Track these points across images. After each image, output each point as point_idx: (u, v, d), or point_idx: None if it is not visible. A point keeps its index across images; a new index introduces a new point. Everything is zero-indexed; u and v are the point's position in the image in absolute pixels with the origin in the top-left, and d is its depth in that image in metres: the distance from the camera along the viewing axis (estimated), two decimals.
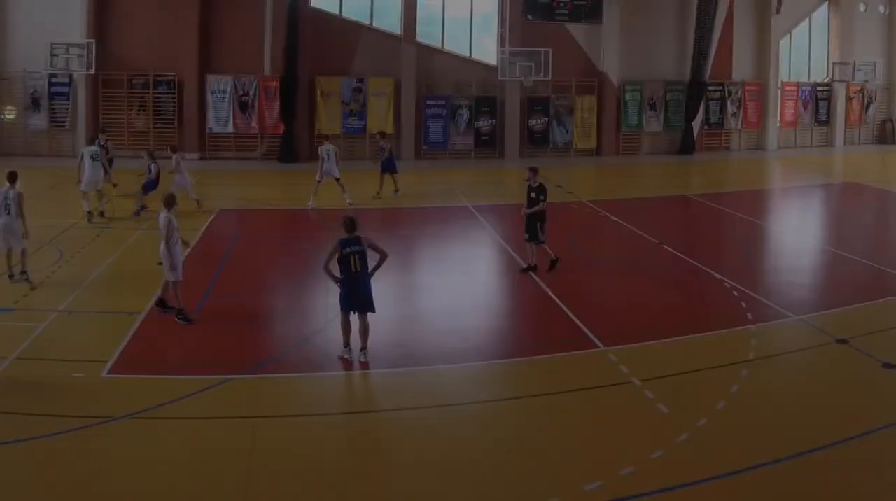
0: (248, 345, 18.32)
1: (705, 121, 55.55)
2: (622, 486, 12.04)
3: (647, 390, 15.55)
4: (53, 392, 15.30)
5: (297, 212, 32.44)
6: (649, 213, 34.15)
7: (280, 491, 12.07)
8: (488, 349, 18.48)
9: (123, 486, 12.02)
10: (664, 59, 54.16)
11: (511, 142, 51.60)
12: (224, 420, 14.46)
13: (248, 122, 48.72)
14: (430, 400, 15.58)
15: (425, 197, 37.92)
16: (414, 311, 20.89)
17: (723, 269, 24.29)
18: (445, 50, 52.10)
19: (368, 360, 17.14)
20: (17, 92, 47.39)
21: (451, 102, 50.82)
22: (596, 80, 53.06)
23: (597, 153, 53.19)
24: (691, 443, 13.41)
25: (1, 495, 11.76)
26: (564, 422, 14.47)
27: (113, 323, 19.16)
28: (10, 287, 21.67)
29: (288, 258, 26.57)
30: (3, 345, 17.30)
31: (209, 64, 48.40)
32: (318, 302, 21.32)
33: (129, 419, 14.15)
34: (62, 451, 12.96)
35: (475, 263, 23.98)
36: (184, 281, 19.82)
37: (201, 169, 43.59)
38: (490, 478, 12.45)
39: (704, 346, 18.24)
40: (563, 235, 28.25)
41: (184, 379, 15.95)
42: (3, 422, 13.90)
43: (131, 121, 48.15)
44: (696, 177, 47.00)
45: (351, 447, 13.85)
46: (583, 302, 21.39)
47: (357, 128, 49.66)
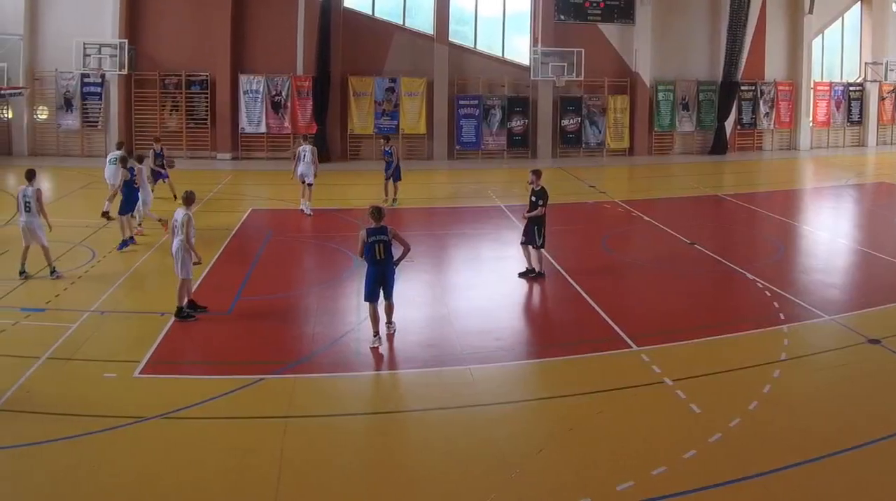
0: (279, 345, 18.30)
1: (738, 121, 55.48)
2: (654, 486, 12.04)
3: (679, 390, 15.53)
4: (85, 392, 15.33)
5: (329, 211, 32.37)
6: (682, 213, 34.12)
7: (311, 491, 12.09)
8: (520, 349, 18.47)
9: (155, 486, 12.05)
10: (697, 58, 54.15)
11: (543, 142, 51.63)
12: (255, 421, 14.47)
13: (280, 122, 48.84)
14: (462, 400, 15.55)
15: (458, 197, 37.90)
16: (446, 311, 20.80)
17: (755, 269, 24.20)
18: (478, 50, 52.17)
19: (393, 332, 18.54)
20: (50, 92, 47.67)
21: (483, 102, 50.79)
22: (628, 80, 53.05)
23: (629, 153, 53.15)
24: (723, 443, 13.37)
25: (32, 495, 11.82)
26: (596, 422, 14.42)
27: (145, 323, 19.16)
28: (42, 287, 21.73)
29: (320, 258, 26.63)
30: (35, 345, 17.39)
31: (242, 64, 48.59)
32: (349, 302, 21.30)
33: (160, 419, 14.19)
34: (94, 451, 12.99)
35: (507, 263, 23.90)
36: (216, 281, 19.95)
37: (233, 169, 43.90)
38: (521, 478, 12.40)
39: (736, 346, 18.17)
40: (596, 235, 28.61)
41: (215, 379, 16.01)
42: (34, 422, 13.95)
43: (164, 121, 48.33)
44: (728, 176, 46.78)
45: (381, 447, 13.80)
46: (615, 302, 21.33)
47: (390, 127, 49.56)
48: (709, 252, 26.49)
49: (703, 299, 22.23)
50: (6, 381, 15.44)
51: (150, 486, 12.06)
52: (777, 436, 13.73)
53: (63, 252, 24.94)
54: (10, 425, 13.81)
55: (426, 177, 44.09)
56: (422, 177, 42.52)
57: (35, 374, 15.94)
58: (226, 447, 13.38)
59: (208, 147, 48.60)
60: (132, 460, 12.79)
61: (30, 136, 47.75)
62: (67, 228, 27.54)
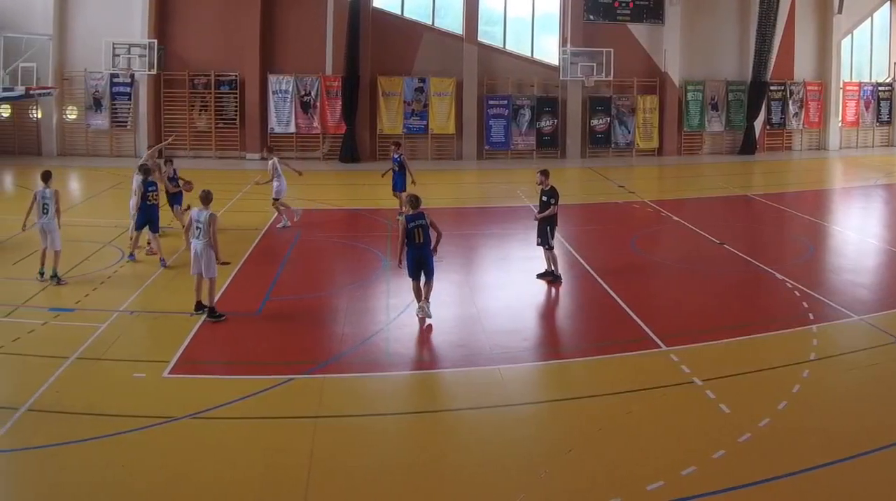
0: (308, 345, 18.35)
1: (767, 121, 55.38)
2: (684, 486, 12.03)
3: (708, 390, 15.49)
4: (114, 392, 15.37)
5: (359, 211, 32.37)
6: (711, 213, 34.07)
7: (340, 492, 12.10)
8: (549, 349, 18.49)
9: (185, 486, 12.10)
10: (726, 58, 54.12)
11: (573, 142, 51.68)
12: (285, 421, 14.50)
13: (309, 122, 49.04)
14: (491, 399, 15.55)
15: (487, 197, 38.04)
16: (475, 310, 20.76)
17: (784, 269, 24.16)
18: (507, 50, 52.20)
19: (424, 316, 19.44)
20: (79, 92, 47.98)
21: (512, 102, 50.88)
22: (657, 80, 53.04)
23: (658, 153, 53.15)
24: (753, 443, 13.33)
25: (62, 495, 11.87)
26: (626, 422, 14.40)
27: (174, 323, 19.18)
28: (71, 287, 21.82)
29: (349, 258, 26.57)
30: (64, 345, 17.43)
31: (271, 64, 48.78)
32: (379, 302, 21.42)
33: (190, 419, 14.22)
34: (123, 452, 13.02)
35: (536, 263, 23.80)
36: (245, 281, 20.07)
37: (262, 169, 43.67)
38: (551, 478, 12.40)
39: (766, 346, 18.14)
40: (625, 235, 28.59)
41: (244, 379, 16.04)
42: (64, 422, 13.98)
43: (193, 121, 48.58)
44: (757, 176, 46.70)
45: (411, 447, 13.79)
46: (644, 302, 21.31)
47: (419, 128, 49.84)
48: (738, 252, 26.41)
49: (732, 299, 22.14)
50: (35, 381, 15.50)
51: (180, 486, 12.10)
52: (806, 436, 13.70)
53: (92, 252, 25.16)
54: (39, 425, 13.84)
55: (455, 177, 44.22)
56: (451, 176, 42.54)
57: (64, 374, 15.98)
58: (255, 447, 13.41)
59: (237, 147, 48.81)
60: (162, 460, 12.82)
61: (59, 136, 48.05)
62: (96, 228, 27.74)
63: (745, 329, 19.11)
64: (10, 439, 13.31)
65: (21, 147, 47.70)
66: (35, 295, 21.18)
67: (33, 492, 11.95)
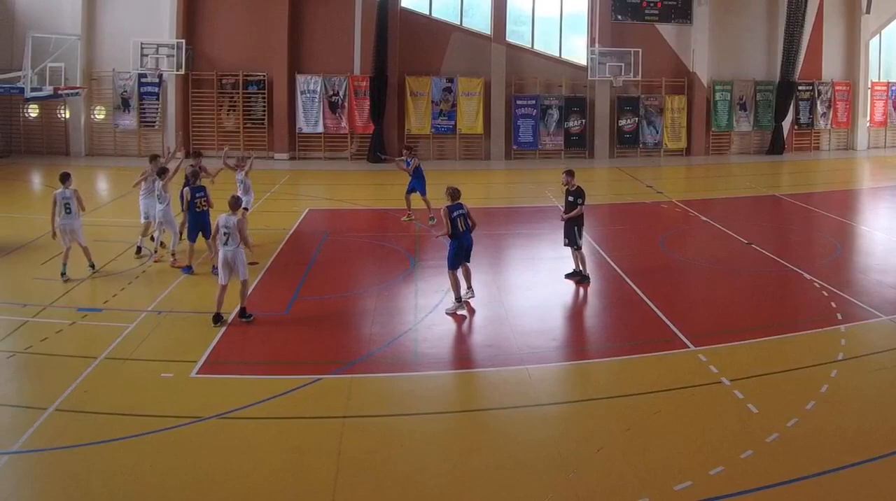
0: (336, 345, 18.37)
1: (795, 121, 55.17)
2: (712, 486, 12.04)
3: (736, 390, 15.49)
4: (142, 392, 15.42)
5: (387, 211, 32.33)
6: (739, 213, 33.95)
7: (368, 492, 12.13)
8: (577, 348, 18.49)
9: (212, 486, 12.16)
10: (754, 58, 53.94)
11: (601, 142, 51.61)
12: (312, 421, 14.52)
13: (337, 122, 49.03)
14: (520, 399, 15.56)
15: (515, 197, 37.98)
16: (504, 311, 20.72)
17: (812, 269, 24.12)
18: (535, 50, 52.11)
19: (472, 297, 20.58)
20: (107, 92, 48.15)
21: (540, 102, 50.81)
22: (686, 80, 52.92)
23: (686, 153, 52.98)
24: (781, 443, 13.33)
25: (90, 495, 11.91)
26: (654, 422, 14.40)
27: (202, 323, 19.19)
28: (99, 287, 21.92)
29: (377, 258, 26.54)
30: (92, 345, 17.52)
31: (299, 64, 48.86)
32: (406, 302, 21.43)
33: (218, 419, 14.28)
34: (151, 452, 13.07)
35: (564, 263, 23.75)
36: (273, 281, 20.19)
37: (291, 169, 44.08)
38: (579, 478, 12.42)
39: (794, 346, 18.11)
40: (653, 235, 28.58)
41: (272, 379, 16.08)
42: (92, 422, 14.05)
43: (221, 121, 48.71)
44: (785, 177, 46.56)
45: (439, 447, 13.77)
46: (673, 302, 21.31)
47: (447, 128, 49.85)
48: (766, 252, 26.37)
49: (760, 299, 22.05)
50: (63, 381, 15.58)
51: (208, 486, 12.16)
52: (834, 436, 13.67)
53: (121, 251, 25.24)
54: (67, 425, 13.90)
55: (483, 177, 44.20)
56: (479, 177, 42.58)
57: (92, 374, 16.05)
58: (283, 447, 13.44)
59: (265, 147, 48.79)
60: (189, 460, 12.87)
61: (87, 136, 48.27)
62: (124, 228, 27.83)
63: (774, 329, 19.07)
64: (38, 439, 13.38)
65: (49, 147, 47.91)
66: (63, 295, 21.24)
67: (61, 492, 11.99)
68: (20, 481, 12.31)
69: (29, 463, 12.76)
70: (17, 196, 36.12)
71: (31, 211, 31.49)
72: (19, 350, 17.28)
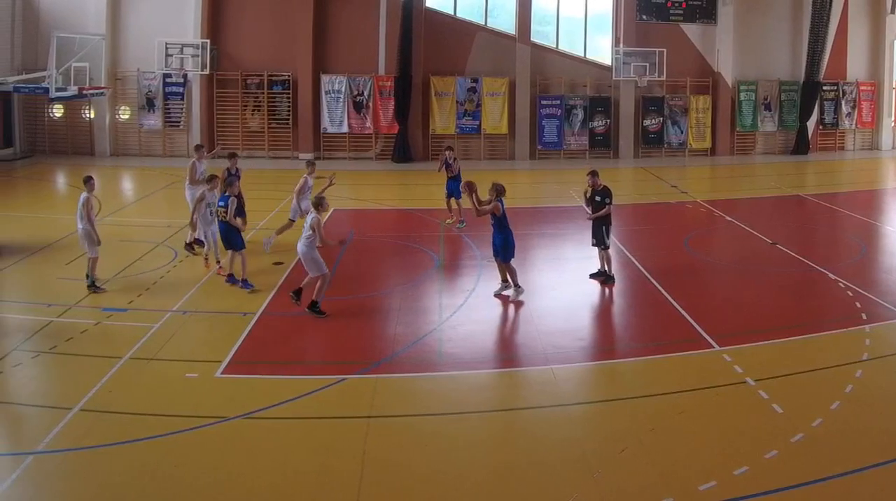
0: (361, 345, 18.42)
1: (820, 121, 54.94)
2: (737, 486, 12.03)
3: (761, 390, 15.48)
4: (167, 392, 15.49)
5: (412, 211, 32.29)
6: (763, 213, 33.90)
7: (393, 492, 12.17)
8: (602, 348, 18.54)
9: (237, 486, 12.20)
10: (778, 58, 53.75)
11: (625, 142, 51.50)
12: (337, 421, 14.56)
13: (362, 122, 48.98)
14: (544, 399, 15.62)
15: (539, 197, 38.00)
16: (529, 311, 20.75)
17: (837, 269, 24.06)
18: (560, 50, 52.06)
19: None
20: (132, 92, 48.20)
21: (565, 102, 50.72)
22: (710, 80, 52.74)
23: (711, 153, 52.83)
24: (806, 443, 13.33)
25: (115, 495, 11.96)
26: (679, 422, 14.43)
27: (227, 323, 19.30)
28: (125, 287, 21.93)
29: (402, 257, 26.57)
30: (117, 345, 17.59)
31: (323, 64, 48.82)
32: (431, 302, 21.50)
33: (242, 419, 14.33)
34: (176, 451, 13.13)
35: (589, 263, 23.73)
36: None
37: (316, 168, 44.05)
38: (604, 478, 12.43)
39: (818, 346, 18.09)
40: (678, 235, 28.62)
41: (297, 379, 16.11)
42: (117, 422, 14.10)
43: (246, 121, 48.76)
44: (810, 176, 46.45)
45: (463, 447, 13.78)
46: (697, 301, 21.27)
47: (472, 128, 49.79)
48: (791, 252, 26.33)
49: (784, 299, 22.04)
50: (89, 381, 15.63)
51: (233, 486, 12.20)
52: (859, 436, 13.65)
53: (145, 251, 25.33)
54: (92, 425, 13.95)
55: (508, 177, 43.62)
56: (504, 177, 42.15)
57: (117, 374, 16.11)
58: (308, 447, 13.49)
59: (290, 147, 48.88)
60: (214, 460, 12.93)
61: (112, 136, 48.33)
62: (149, 228, 27.95)
63: (798, 329, 19.06)
64: (62, 439, 13.43)
65: (74, 147, 47.96)
66: (88, 295, 21.30)
67: (86, 492, 12.04)
68: (45, 481, 12.35)
69: (54, 463, 12.79)
70: (42, 196, 36.29)
71: (55, 211, 31.54)
72: (44, 350, 17.35)
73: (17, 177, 40.51)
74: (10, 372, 16.33)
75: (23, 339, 18.03)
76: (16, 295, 21.84)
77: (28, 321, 19.25)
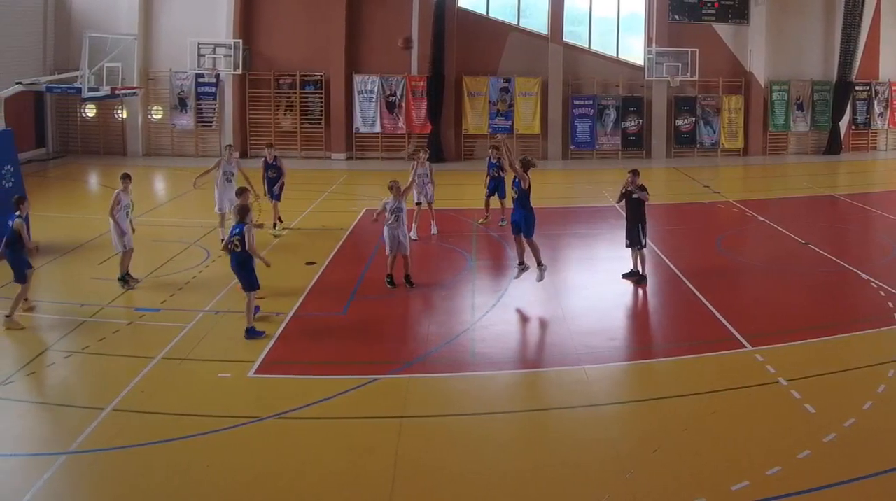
0: (393, 345, 18.48)
1: (852, 121, 54.55)
2: (769, 486, 12.02)
3: (793, 390, 15.45)
4: (200, 392, 15.58)
5: (444, 211, 31.90)
6: (796, 213, 33.76)
7: (425, 492, 12.21)
8: (634, 348, 18.50)
9: (270, 486, 12.24)
10: (811, 58, 53.45)
11: (658, 142, 51.37)
12: (370, 421, 14.58)
13: (394, 122, 48.97)
14: (577, 399, 15.63)
15: (572, 197, 37.95)
16: (560, 311, 20.74)
17: (869, 269, 23.94)
18: (592, 50, 51.97)
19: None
20: (164, 92, 48.40)
21: (597, 102, 50.65)
22: (743, 80, 52.51)
23: (743, 153, 52.60)
24: (838, 443, 13.30)
25: (148, 495, 12.03)
26: (711, 422, 14.43)
27: (260, 323, 19.22)
28: (156, 287, 22.04)
29: (434, 257, 26.62)
30: (150, 345, 17.67)
31: (356, 64, 48.84)
32: (464, 301, 21.48)
33: (275, 419, 14.37)
34: (209, 451, 13.21)
35: (621, 263, 23.67)
36: (330, 281, 21.42)
37: (348, 169, 44.21)
38: (636, 478, 12.45)
39: (851, 346, 18.06)
40: (710, 235, 28.65)
41: (329, 379, 16.14)
42: (150, 422, 14.18)
43: (278, 121, 48.84)
44: (842, 176, 46.24)
45: (496, 447, 13.80)
46: (730, 302, 21.18)
47: (504, 128, 49.60)
48: (823, 252, 26.22)
49: (817, 299, 22.04)
50: (121, 381, 15.72)
51: (265, 486, 12.25)
52: (892, 436, 13.65)
53: (178, 251, 25.48)
54: (125, 425, 14.04)
55: (540, 176, 43.42)
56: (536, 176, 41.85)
57: (149, 374, 16.19)
58: (341, 447, 13.52)
59: (322, 147, 48.97)
60: (247, 460, 12.98)
61: (144, 136, 48.55)
62: (182, 228, 28.13)
63: (831, 329, 18.99)
64: (95, 439, 13.51)
65: (107, 147, 48.16)
66: (120, 295, 21.43)
67: (118, 492, 12.12)
68: (78, 481, 12.44)
69: (86, 463, 12.86)
70: (75, 196, 36.41)
71: (87, 211, 31.68)
72: (77, 350, 17.44)
73: (50, 177, 40.64)
74: (43, 372, 16.47)
75: (56, 339, 18.14)
76: (49, 295, 21.88)
77: (61, 320, 19.36)
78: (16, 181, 25.38)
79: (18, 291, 19.29)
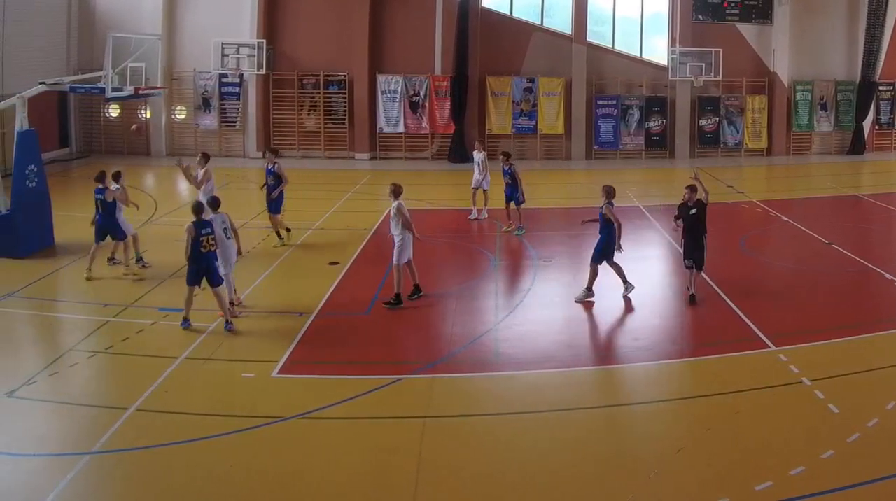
0: (417, 345, 18.59)
1: (876, 121, 54.38)
2: (792, 486, 12.01)
3: (817, 390, 15.42)
4: (224, 392, 15.64)
5: (468, 211, 31.98)
6: (820, 213, 33.67)
7: (449, 492, 12.23)
8: (658, 349, 18.40)
9: (294, 486, 12.26)
10: (834, 58, 53.27)
11: (681, 142, 51.29)
12: (393, 421, 14.63)
13: (418, 122, 49.01)
14: (600, 400, 15.73)
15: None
16: (584, 311, 20.82)
17: (893, 269, 23.82)
18: (616, 50, 51.97)
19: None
20: (188, 92, 48.59)
21: (621, 102, 50.62)
22: (766, 80, 52.40)
23: (767, 153, 52.47)
24: (862, 443, 13.27)
25: (171, 495, 12.06)
26: (735, 422, 14.41)
27: (283, 323, 19.38)
28: (179, 286, 21.36)
29: (458, 258, 26.76)
30: (173, 345, 17.73)
31: (380, 64, 48.90)
32: (487, 302, 21.51)
33: (299, 419, 14.39)
34: (233, 451, 13.25)
35: (645, 263, 23.89)
36: (354, 281, 21.31)
37: (372, 169, 44.25)
38: (660, 477, 12.46)
39: (874, 346, 18.00)
40: (734, 235, 28.55)
41: (353, 379, 16.15)
42: (174, 422, 14.22)
43: (302, 121, 48.89)
44: (866, 176, 46.17)
45: (519, 447, 13.79)
46: (753, 302, 21.13)
47: (528, 128, 49.77)
48: (847, 252, 26.15)
49: (841, 299, 22.00)
50: (145, 381, 15.75)
51: (288, 486, 12.27)
52: None
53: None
54: (148, 424, 14.08)
55: (564, 176, 44.24)
56: (560, 176, 42.60)
57: (173, 374, 16.24)
58: (364, 447, 13.56)
59: (346, 147, 49.02)
60: (270, 460, 13.01)
61: (168, 136, 48.76)
62: None
63: (854, 329, 18.94)
64: (118, 439, 13.55)
65: (130, 147, 48.17)
66: (144, 294, 21.47)
67: (141, 492, 12.15)
68: (101, 481, 12.48)
69: (110, 463, 12.91)
70: None
71: None
72: (100, 349, 17.52)
73: (74, 177, 40.79)
74: (66, 372, 16.48)
75: (79, 339, 18.19)
76: (72, 295, 22.07)
77: (84, 320, 19.48)
78: (39, 180, 25.55)
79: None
